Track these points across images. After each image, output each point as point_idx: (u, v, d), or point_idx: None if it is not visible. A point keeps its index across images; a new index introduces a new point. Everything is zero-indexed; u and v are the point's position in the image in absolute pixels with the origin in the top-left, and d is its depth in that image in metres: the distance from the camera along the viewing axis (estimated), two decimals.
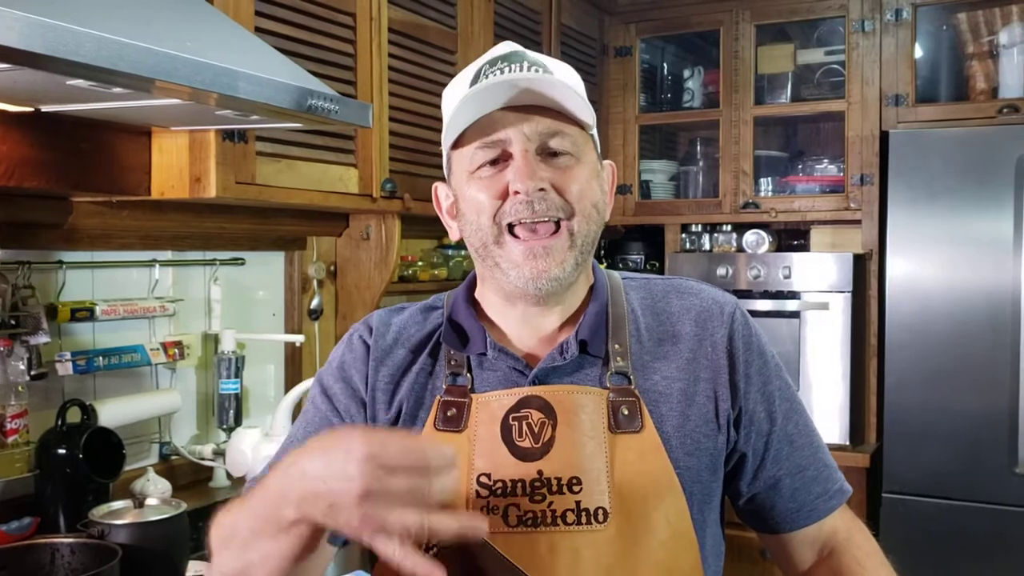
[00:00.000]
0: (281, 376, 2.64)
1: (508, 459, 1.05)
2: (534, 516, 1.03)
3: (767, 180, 3.51)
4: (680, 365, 1.12)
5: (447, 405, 1.10)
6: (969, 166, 2.90)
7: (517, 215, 1.06)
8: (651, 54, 3.77)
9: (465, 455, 1.06)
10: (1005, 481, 2.82)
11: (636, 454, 1.05)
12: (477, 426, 1.08)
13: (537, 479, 1.04)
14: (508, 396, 1.09)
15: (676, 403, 1.10)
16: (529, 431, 1.06)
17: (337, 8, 2.18)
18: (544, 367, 1.10)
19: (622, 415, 1.07)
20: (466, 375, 1.12)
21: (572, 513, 1.03)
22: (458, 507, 1.02)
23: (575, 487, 1.03)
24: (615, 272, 1.21)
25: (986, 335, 2.86)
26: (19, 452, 1.89)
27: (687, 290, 1.19)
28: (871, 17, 3.24)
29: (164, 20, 1.52)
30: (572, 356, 1.09)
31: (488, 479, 1.05)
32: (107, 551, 1.60)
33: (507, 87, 1.05)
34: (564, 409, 1.07)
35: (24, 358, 1.90)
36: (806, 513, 1.16)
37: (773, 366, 1.17)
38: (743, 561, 2.97)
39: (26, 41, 1.13)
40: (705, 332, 1.14)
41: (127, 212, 2.06)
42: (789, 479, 1.15)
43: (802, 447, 1.17)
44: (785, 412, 1.16)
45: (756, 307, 3.24)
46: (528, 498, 1.04)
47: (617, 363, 1.10)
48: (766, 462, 1.15)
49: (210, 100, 1.51)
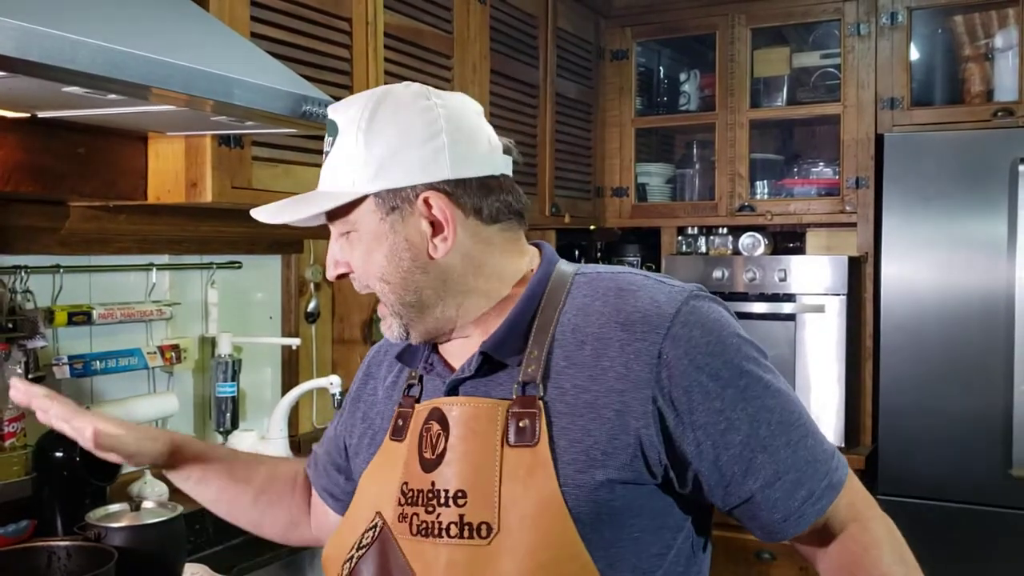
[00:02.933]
0: (278, 379, 2.65)
1: (416, 469, 1.09)
2: (427, 526, 1.06)
3: (763, 183, 3.52)
4: (593, 374, 1.04)
5: (399, 415, 1.17)
6: (964, 169, 2.91)
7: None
8: (647, 57, 3.78)
9: (403, 463, 1.12)
10: (999, 483, 2.83)
11: (526, 469, 1.02)
12: (409, 436, 1.13)
13: (431, 490, 1.07)
14: (425, 408, 1.13)
15: (578, 416, 1.03)
16: (430, 442, 1.09)
17: (333, 13, 2.18)
18: (454, 378, 1.12)
19: (519, 427, 1.04)
20: (418, 386, 1.18)
21: (455, 526, 1.04)
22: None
23: (460, 500, 1.04)
24: (571, 267, 1.15)
25: (980, 337, 2.87)
26: (16, 455, 1.90)
27: (627, 287, 1.09)
28: (866, 20, 3.25)
29: (160, 27, 1.53)
30: (473, 368, 1.10)
31: (407, 487, 1.10)
32: (104, 554, 1.60)
33: (294, 205, 1.14)
34: (456, 421, 1.08)
35: (21, 362, 1.91)
36: (794, 521, 1.05)
37: (733, 366, 1.04)
38: (739, 563, 2.98)
39: (23, 49, 1.14)
40: (631, 338, 1.04)
41: (124, 216, 2.07)
42: (768, 490, 1.04)
43: (777, 450, 1.04)
44: (752, 416, 1.03)
45: (752, 309, 3.25)
46: (424, 508, 1.07)
47: (528, 372, 1.06)
48: (734, 476, 1.04)
49: (206, 107, 1.51)
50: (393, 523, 1.10)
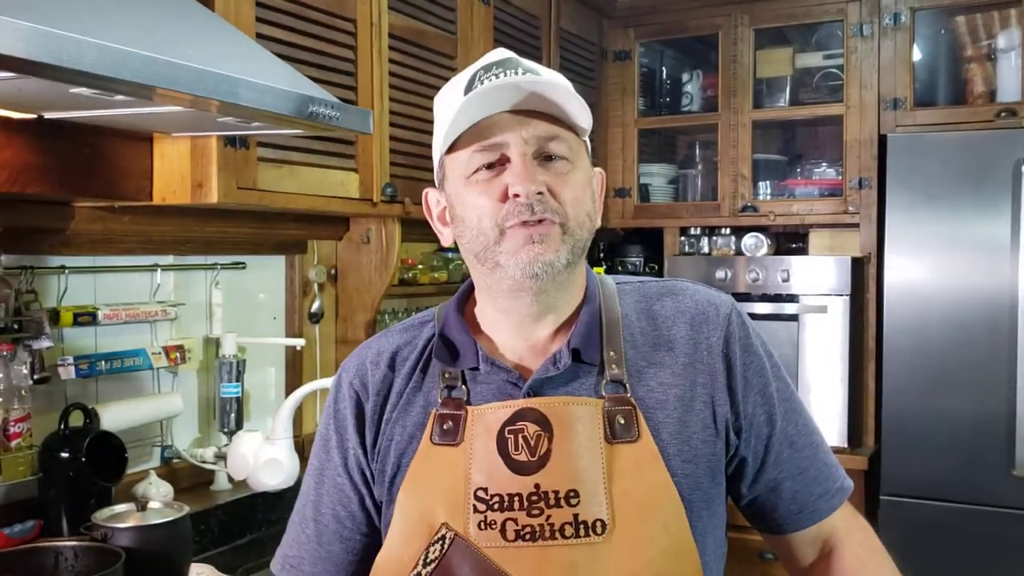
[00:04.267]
0: (282, 379, 2.66)
1: (505, 472, 1.05)
2: (532, 530, 1.02)
3: (766, 183, 3.52)
4: (676, 371, 1.10)
5: (443, 418, 1.09)
6: (967, 170, 2.91)
7: (519, 216, 1.05)
8: (650, 58, 3.78)
9: (462, 469, 1.06)
10: (1002, 483, 2.83)
11: (633, 464, 1.05)
12: (473, 439, 1.07)
13: (534, 492, 1.03)
14: (503, 409, 1.07)
15: (673, 410, 1.08)
16: (525, 444, 1.05)
17: (338, 14, 2.19)
18: (538, 378, 1.09)
19: (618, 424, 1.06)
20: (461, 387, 1.11)
21: (570, 526, 1.02)
22: (457, 522, 1.04)
23: (572, 500, 1.03)
24: (608, 277, 1.20)
25: (983, 338, 2.87)
26: (22, 456, 1.90)
27: (681, 291, 1.17)
28: (869, 21, 3.25)
29: (166, 28, 1.53)
30: (565, 366, 1.08)
31: (485, 493, 1.04)
32: (110, 554, 1.61)
33: (510, 90, 1.04)
34: (560, 421, 1.05)
35: (27, 362, 1.92)
36: (807, 514, 1.16)
37: (772, 367, 1.15)
38: (743, 563, 2.98)
39: (30, 50, 1.15)
40: (700, 335, 1.12)
41: (129, 217, 2.07)
42: (790, 481, 1.15)
43: (803, 448, 1.16)
44: (785, 413, 1.15)
45: (755, 310, 3.25)
46: (526, 512, 1.03)
47: (612, 371, 1.08)
48: (766, 465, 1.14)
49: (211, 107, 1.52)
50: (471, 532, 1.03)
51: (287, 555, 1.21)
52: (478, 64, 1.13)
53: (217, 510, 2.26)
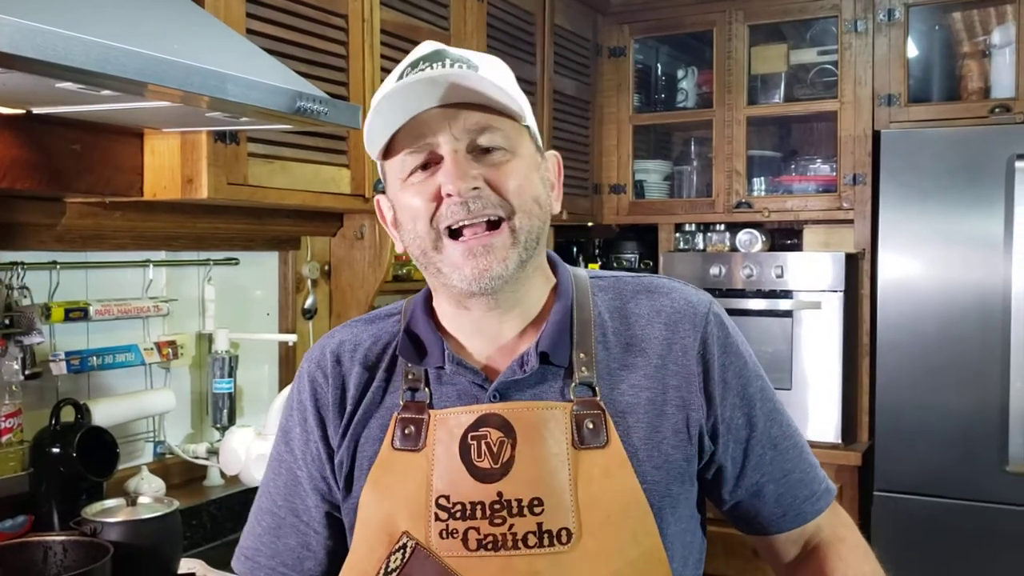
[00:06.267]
0: (275, 375, 2.66)
1: (467, 480, 1.01)
2: (494, 539, 0.99)
3: (760, 180, 3.53)
4: (648, 373, 1.06)
5: (405, 422, 1.05)
6: (961, 166, 2.91)
7: (453, 217, 1.01)
8: (645, 54, 3.78)
9: (423, 476, 1.02)
10: (996, 479, 2.83)
11: (601, 470, 1.01)
12: (435, 445, 1.03)
13: (497, 501, 1.00)
14: (466, 414, 1.04)
15: (644, 414, 1.05)
16: (488, 451, 1.01)
17: (329, 10, 2.19)
18: (504, 381, 1.05)
19: (587, 429, 1.02)
20: (424, 390, 1.07)
21: (534, 535, 0.98)
22: (418, 530, 1.01)
23: (536, 508, 0.99)
24: (582, 271, 1.15)
25: (977, 334, 2.87)
26: (13, 451, 1.91)
27: (658, 289, 1.12)
28: (864, 17, 3.25)
29: (154, 23, 1.53)
30: (532, 369, 1.04)
31: (447, 501, 1.01)
32: (99, 548, 1.62)
33: (427, 84, 0.99)
34: (524, 426, 1.02)
35: (18, 358, 1.92)
36: (792, 517, 1.13)
37: (752, 367, 1.12)
38: (735, 558, 2.99)
39: (15, 45, 1.14)
40: (676, 336, 1.08)
41: (120, 213, 2.07)
42: (773, 484, 1.11)
43: (786, 450, 1.12)
44: (767, 414, 1.11)
45: (749, 306, 3.25)
46: (488, 521, 0.99)
47: (582, 373, 1.04)
48: (747, 469, 1.11)
49: (200, 103, 1.52)
50: (432, 541, 1.00)
51: (244, 546, 1.18)
52: (407, 60, 1.08)
53: (209, 505, 2.26)
